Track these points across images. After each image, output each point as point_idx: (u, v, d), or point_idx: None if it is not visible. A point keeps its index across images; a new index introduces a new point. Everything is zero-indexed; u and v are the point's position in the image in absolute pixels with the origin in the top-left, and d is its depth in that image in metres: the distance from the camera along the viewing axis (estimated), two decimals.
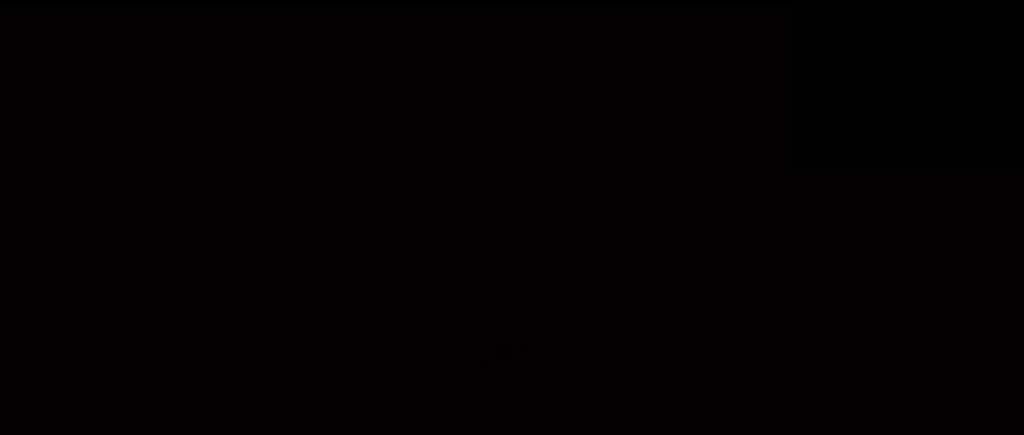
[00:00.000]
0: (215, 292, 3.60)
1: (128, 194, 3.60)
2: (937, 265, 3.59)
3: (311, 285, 3.61)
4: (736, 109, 3.61)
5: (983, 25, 3.44)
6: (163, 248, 3.61)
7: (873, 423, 3.56)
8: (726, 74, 3.60)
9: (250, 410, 3.57)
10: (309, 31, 3.64)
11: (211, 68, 3.63)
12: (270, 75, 3.63)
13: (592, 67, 3.60)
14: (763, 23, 3.61)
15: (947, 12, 3.45)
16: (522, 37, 3.62)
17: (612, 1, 3.63)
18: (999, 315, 3.57)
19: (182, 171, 3.60)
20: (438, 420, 3.58)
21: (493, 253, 3.61)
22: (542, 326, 3.61)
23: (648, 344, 3.59)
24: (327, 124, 3.62)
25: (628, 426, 3.58)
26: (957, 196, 3.57)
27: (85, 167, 3.61)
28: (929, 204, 3.58)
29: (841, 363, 3.58)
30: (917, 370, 3.58)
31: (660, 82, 3.61)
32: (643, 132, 3.60)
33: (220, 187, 3.61)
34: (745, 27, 3.61)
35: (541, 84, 3.61)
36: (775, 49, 3.60)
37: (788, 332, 3.58)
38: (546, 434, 3.57)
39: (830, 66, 3.46)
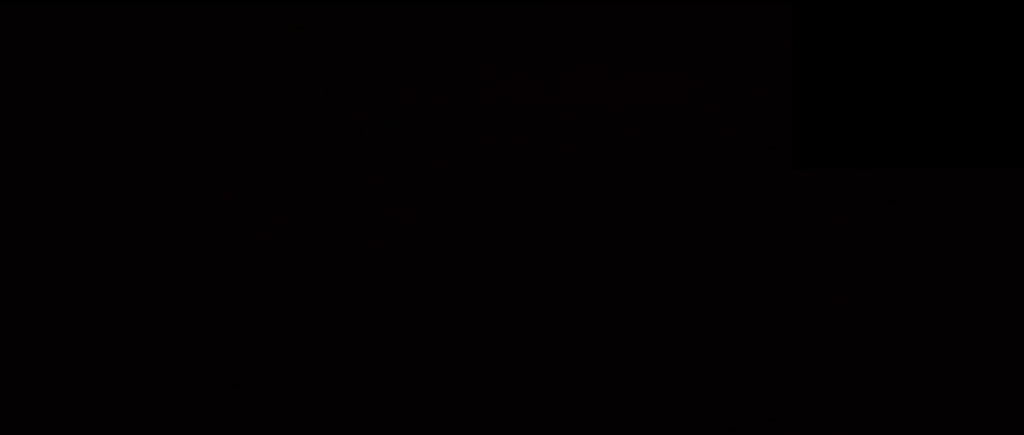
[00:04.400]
0: (215, 292, 3.60)
1: (128, 194, 3.61)
2: (937, 264, 3.59)
3: (311, 285, 3.61)
4: (736, 109, 3.62)
5: (983, 25, 3.45)
6: (162, 248, 3.62)
7: (873, 423, 3.57)
8: (726, 74, 3.61)
9: (250, 410, 3.57)
10: (309, 31, 3.65)
11: (211, 68, 3.64)
12: (270, 75, 3.63)
13: (592, 66, 3.61)
14: (763, 23, 3.62)
15: (947, 12, 3.46)
16: (521, 36, 3.63)
17: (612, 1, 3.64)
18: (999, 314, 3.58)
19: (181, 171, 3.61)
20: (438, 420, 3.58)
21: (492, 253, 3.62)
22: (541, 326, 3.61)
23: (648, 344, 3.60)
24: (327, 124, 3.63)
25: (628, 426, 3.58)
26: (957, 194, 3.58)
27: (85, 167, 3.61)
28: (929, 202, 3.59)
29: (841, 363, 3.58)
30: (917, 370, 3.58)
31: (660, 81, 3.62)
32: (643, 131, 3.61)
33: (219, 187, 3.61)
34: (745, 26, 3.62)
35: (540, 84, 3.61)
36: (775, 49, 3.61)
37: (788, 332, 3.59)
38: (546, 434, 3.57)
39: (831, 65, 3.46)
